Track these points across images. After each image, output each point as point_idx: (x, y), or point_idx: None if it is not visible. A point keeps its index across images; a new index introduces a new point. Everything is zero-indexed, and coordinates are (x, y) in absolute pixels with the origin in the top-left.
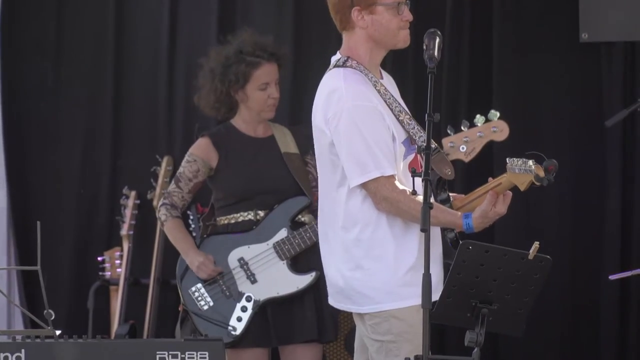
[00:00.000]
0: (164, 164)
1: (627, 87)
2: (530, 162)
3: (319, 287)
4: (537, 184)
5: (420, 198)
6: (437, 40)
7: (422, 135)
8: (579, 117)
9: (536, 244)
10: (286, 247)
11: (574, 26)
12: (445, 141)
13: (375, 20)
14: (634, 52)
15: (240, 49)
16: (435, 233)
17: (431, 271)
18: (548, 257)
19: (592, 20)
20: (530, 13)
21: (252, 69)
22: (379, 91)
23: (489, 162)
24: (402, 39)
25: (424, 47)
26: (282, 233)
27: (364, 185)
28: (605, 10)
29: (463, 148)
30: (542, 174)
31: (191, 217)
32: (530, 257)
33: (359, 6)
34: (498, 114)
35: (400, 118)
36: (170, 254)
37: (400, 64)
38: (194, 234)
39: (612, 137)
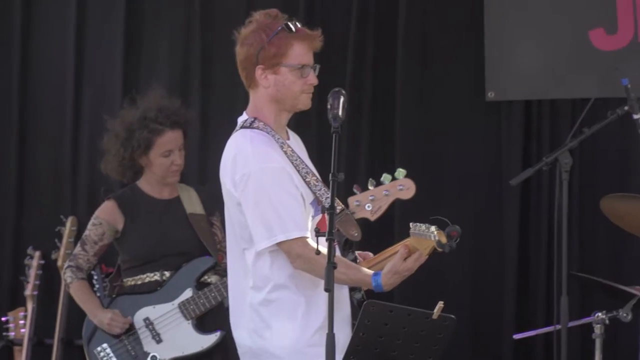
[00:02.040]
0: (68, 224)
1: (528, 144)
2: (433, 228)
3: (227, 348)
4: (439, 250)
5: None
6: (342, 99)
7: (328, 196)
8: (480, 173)
9: (440, 304)
10: (191, 306)
11: (478, 83)
12: (351, 200)
13: (278, 81)
14: (534, 111)
15: (144, 115)
16: (343, 294)
17: (339, 332)
18: (452, 316)
19: (497, 79)
20: (432, 70)
21: (154, 136)
22: (285, 152)
23: (390, 221)
24: (303, 102)
25: (328, 106)
26: (187, 293)
27: (278, 245)
28: (509, 70)
29: (369, 206)
30: (444, 240)
31: (95, 277)
32: (435, 316)
33: (263, 65)
34: (404, 172)
35: (307, 180)
36: (75, 313)
37: (305, 123)
38: (98, 294)
39: (511, 194)
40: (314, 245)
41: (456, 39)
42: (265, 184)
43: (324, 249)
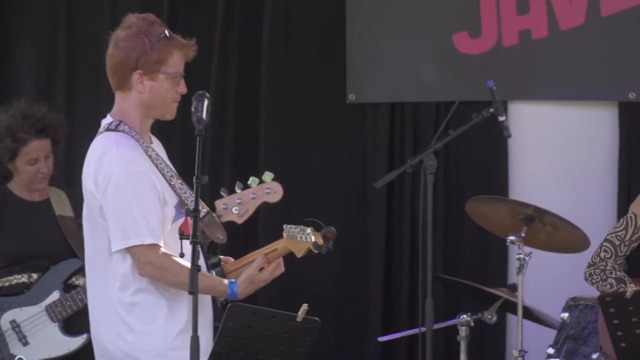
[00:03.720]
0: None
1: (392, 147)
2: (309, 230)
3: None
4: (315, 251)
5: (187, 262)
6: (206, 102)
7: (193, 199)
8: (345, 176)
9: (304, 306)
10: (58, 309)
11: (343, 85)
12: (218, 203)
13: (154, 88)
14: (399, 113)
15: (9, 125)
16: (206, 296)
17: (202, 335)
18: (316, 319)
19: (359, 81)
20: (297, 73)
21: (20, 146)
22: (150, 156)
23: (254, 224)
24: (172, 111)
25: (192, 109)
26: (55, 295)
27: (129, 250)
28: (371, 72)
29: (236, 210)
30: (320, 241)
31: None
32: (299, 319)
33: (142, 70)
34: (272, 175)
35: (171, 183)
36: None
37: (169, 127)
38: None
39: (377, 197)
40: (166, 252)
41: (321, 41)
42: (126, 187)
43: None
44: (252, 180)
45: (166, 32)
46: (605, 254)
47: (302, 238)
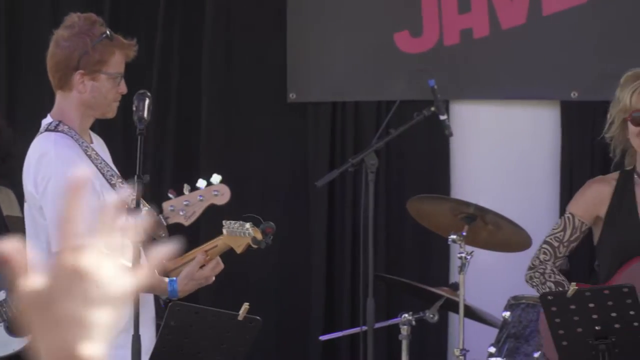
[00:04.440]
0: None
1: (334, 146)
2: (248, 225)
3: None
4: (255, 246)
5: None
6: (147, 101)
7: (134, 198)
8: (286, 175)
9: (246, 305)
10: (3, 309)
11: (283, 85)
12: (166, 205)
13: (95, 87)
14: (340, 113)
15: None
16: (147, 295)
17: (144, 333)
18: (258, 317)
19: (299, 81)
20: (239, 72)
21: None
22: (90, 156)
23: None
24: (112, 111)
25: (134, 108)
26: (1, 295)
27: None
28: (312, 71)
29: (183, 212)
30: (259, 236)
31: None
32: (240, 317)
33: (84, 70)
34: (220, 178)
35: (112, 182)
36: None
37: (110, 126)
38: None
39: (318, 196)
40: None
41: (262, 40)
42: (65, 187)
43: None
44: (200, 183)
45: (108, 32)
46: (544, 256)
47: (242, 233)
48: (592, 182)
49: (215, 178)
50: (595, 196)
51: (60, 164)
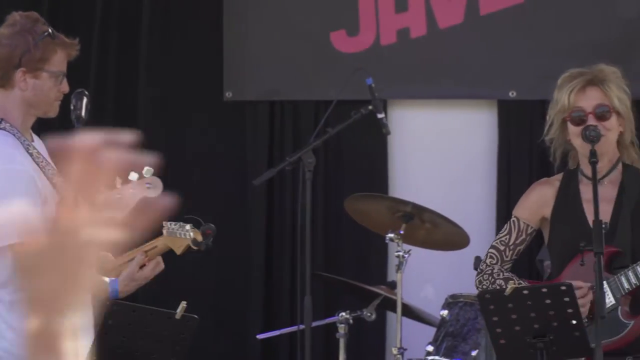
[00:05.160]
0: None
1: (272, 145)
2: (188, 227)
3: None
4: (195, 248)
5: None
6: (85, 100)
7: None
8: (225, 174)
9: (183, 304)
10: None
11: (221, 83)
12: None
13: (37, 85)
14: (278, 111)
15: None
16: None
17: (82, 332)
18: (195, 316)
19: (236, 79)
20: (176, 71)
21: None
22: (31, 154)
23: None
24: (54, 109)
25: (72, 107)
26: None
27: (10, 247)
28: (249, 70)
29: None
30: (199, 238)
31: None
32: (178, 316)
33: (26, 68)
34: (152, 171)
35: (53, 181)
36: None
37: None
38: None
39: (257, 195)
40: None
41: (199, 40)
42: (5, 185)
43: None
44: (132, 176)
45: (50, 30)
46: (491, 260)
47: (182, 235)
48: (535, 185)
49: (148, 171)
50: (539, 198)
51: (2, 161)
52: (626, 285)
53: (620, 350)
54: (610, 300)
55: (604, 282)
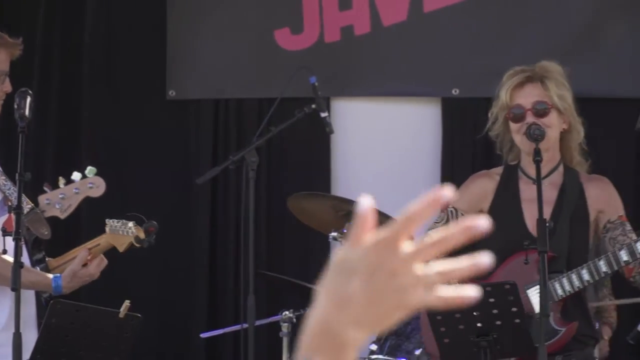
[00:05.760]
0: None
1: (216, 143)
2: (131, 224)
3: None
4: (138, 245)
5: (9, 257)
6: (28, 99)
7: (17, 196)
8: (169, 172)
9: (127, 303)
10: None
11: (165, 82)
12: (42, 198)
13: None
14: (222, 110)
15: None
16: (29, 293)
17: (25, 332)
18: (138, 315)
19: (179, 78)
20: (120, 69)
21: None
22: None
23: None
24: None
25: (15, 106)
26: None
27: None
28: (192, 68)
29: (59, 205)
30: (142, 235)
31: None
32: (121, 315)
33: None
34: (95, 170)
35: None
36: None
37: None
38: None
39: (200, 194)
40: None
41: (143, 38)
42: None
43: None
44: (75, 176)
45: None
46: None
47: (125, 232)
48: (475, 177)
49: (91, 171)
50: (479, 191)
51: None
52: (560, 292)
53: (550, 352)
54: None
55: (537, 287)
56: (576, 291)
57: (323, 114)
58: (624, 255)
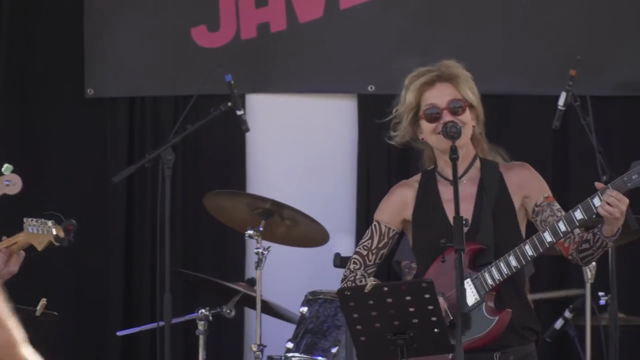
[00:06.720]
0: None
1: (132, 141)
2: (50, 223)
3: None
4: (57, 244)
5: None
6: None
7: None
8: (84, 171)
9: (43, 301)
10: None
11: (81, 80)
12: None
13: None
14: (138, 108)
15: None
16: None
17: None
18: (55, 313)
19: (97, 76)
20: (37, 67)
21: None
22: None
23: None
24: None
25: None
26: None
27: None
28: (109, 66)
29: None
30: (62, 234)
31: None
32: (38, 313)
33: None
34: (12, 168)
35: None
36: None
37: None
38: None
39: (117, 192)
40: None
41: (60, 36)
42: None
43: None
44: None
45: None
46: (354, 266)
47: (43, 231)
48: (395, 188)
49: (7, 168)
50: (399, 201)
51: None
52: (490, 281)
53: (487, 347)
54: (475, 297)
55: (469, 280)
56: (508, 279)
57: (239, 112)
58: (547, 237)
